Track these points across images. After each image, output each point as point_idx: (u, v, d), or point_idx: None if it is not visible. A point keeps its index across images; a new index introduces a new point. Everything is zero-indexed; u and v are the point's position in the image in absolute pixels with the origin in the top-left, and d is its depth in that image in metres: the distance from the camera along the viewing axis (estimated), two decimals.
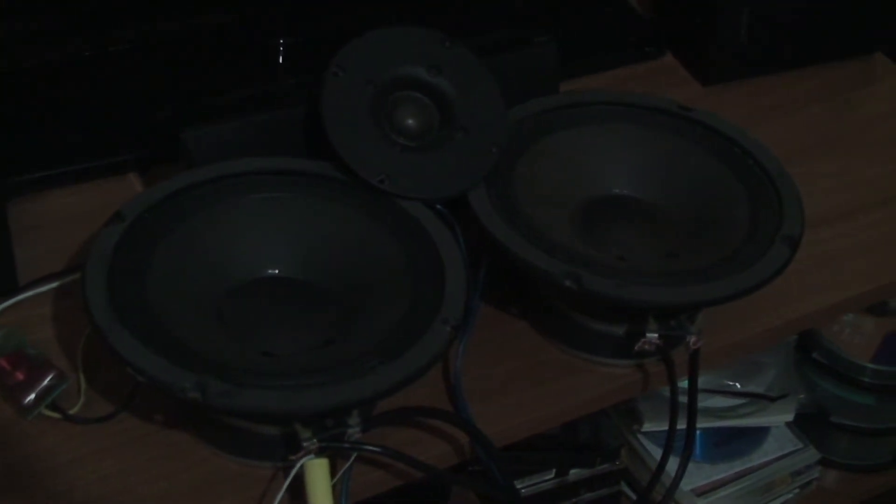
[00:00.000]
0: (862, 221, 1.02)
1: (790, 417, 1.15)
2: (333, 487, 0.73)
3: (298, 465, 0.71)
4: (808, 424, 1.17)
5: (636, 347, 0.82)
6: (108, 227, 0.78)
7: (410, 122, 0.86)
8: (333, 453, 0.73)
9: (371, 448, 0.74)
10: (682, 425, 0.83)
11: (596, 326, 0.85)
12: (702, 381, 1.13)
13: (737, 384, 1.13)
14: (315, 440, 0.71)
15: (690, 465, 1.11)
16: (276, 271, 0.81)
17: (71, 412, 0.78)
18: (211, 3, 1.03)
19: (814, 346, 1.16)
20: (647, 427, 1.11)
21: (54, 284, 0.85)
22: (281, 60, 1.02)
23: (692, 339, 0.82)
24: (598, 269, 0.80)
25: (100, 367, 0.80)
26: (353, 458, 0.74)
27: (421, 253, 0.80)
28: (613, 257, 0.85)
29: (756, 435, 1.16)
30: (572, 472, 1.08)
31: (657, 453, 0.96)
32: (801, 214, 0.86)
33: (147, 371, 0.69)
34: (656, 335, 0.82)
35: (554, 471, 1.07)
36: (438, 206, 0.84)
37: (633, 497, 1.13)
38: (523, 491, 1.06)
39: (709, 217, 0.88)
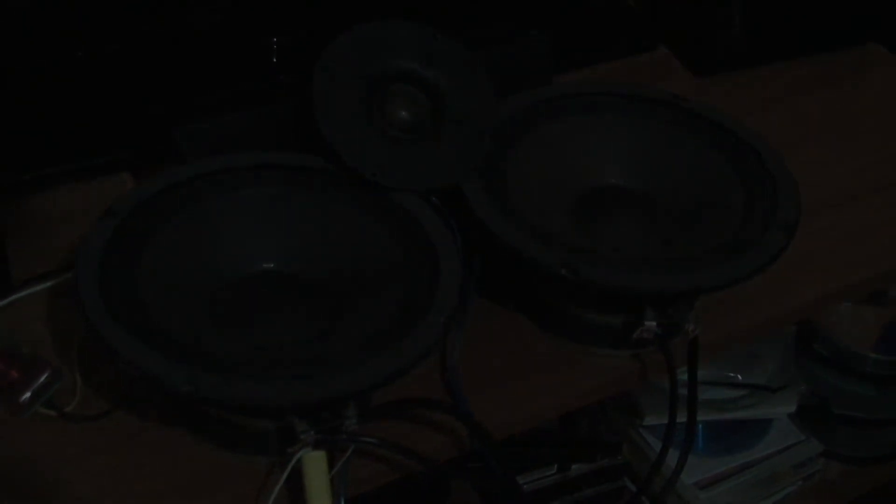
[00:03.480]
0: (859, 209, 1.02)
1: (792, 409, 1.14)
2: (331, 480, 0.72)
3: (296, 459, 0.71)
4: (809, 416, 1.17)
5: (634, 336, 0.82)
6: (100, 223, 0.77)
7: (402, 114, 0.85)
8: (331, 446, 0.73)
9: (368, 440, 0.74)
10: (683, 418, 0.82)
11: (593, 317, 0.85)
12: (702, 374, 1.12)
13: (738, 376, 1.12)
14: (312, 433, 0.71)
15: (692, 459, 1.10)
16: (270, 266, 0.81)
17: (66, 410, 0.77)
18: (205, 2, 1.03)
19: (814, 337, 1.15)
20: (647, 421, 1.11)
21: (48, 283, 0.85)
22: (275, 59, 1.02)
23: (690, 326, 0.82)
24: (594, 259, 0.80)
25: (95, 365, 0.80)
26: (350, 450, 0.74)
27: (415, 245, 0.80)
28: (609, 247, 0.84)
29: (758, 427, 1.15)
30: (574, 467, 1.08)
31: (659, 447, 0.95)
32: (797, 200, 0.85)
33: (140, 365, 0.69)
34: (654, 323, 0.81)
35: (555, 466, 1.07)
36: (433, 199, 0.83)
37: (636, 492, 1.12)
38: (525, 486, 1.05)
39: (704, 205, 0.87)
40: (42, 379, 0.77)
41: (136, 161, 0.94)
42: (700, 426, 1.12)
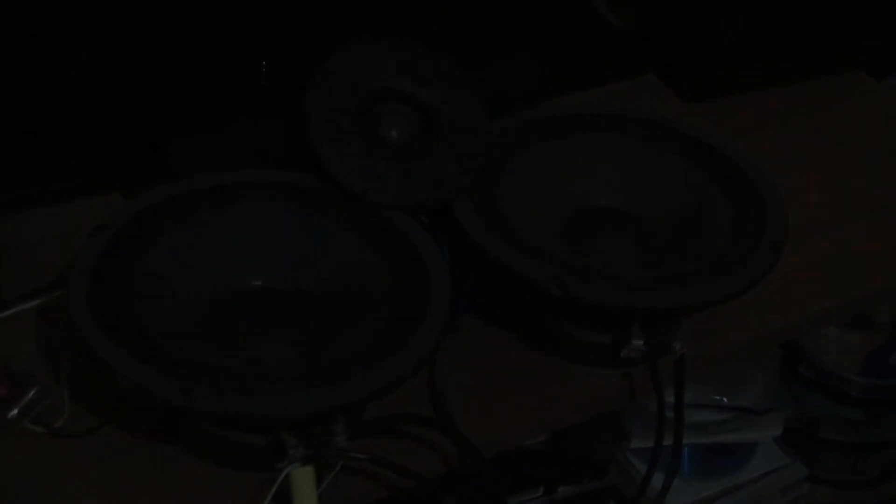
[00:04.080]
0: (845, 232, 1.02)
1: (778, 432, 1.15)
2: (319, 496, 0.72)
3: (284, 474, 0.71)
4: (795, 440, 1.17)
5: (622, 354, 0.82)
6: (91, 238, 0.78)
7: (394, 133, 0.86)
8: (320, 462, 0.73)
9: (357, 456, 0.74)
10: (669, 441, 0.83)
11: (581, 335, 0.85)
12: (688, 396, 1.12)
13: (723, 398, 1.13)
14: (301, 448, 0.71)
15: (679, 482, 1.11)
16: (260, 282, 0.81)
17: (55, 426, 0.77)
18: (197, 24, 1.03)
19: (800, 361, 1.16)
20: (635, 444, 1.11)
21: (38, 301, 0.85)
22: (266, 79, 1.02)
23: (678, 346, 0.83)
24: (583, 276, 0.80)
25: (84, 381, 0.79)
26: (338, 466, 0.74)
27: (405, 262, 0.80)
28: (598, 265, 0.85)
29: (744, 451, 1.15)
30: (560, 489, 1.08)
31: (646, 471, 0.95)
32: (785, 219, 0.86)
33: (132, 379, 0.69)
34: (642, 342, 0.82)
35: (542, 488, 1.07)
36: (423, 217, 0.84)
37: None
38: None
39: (693, 225, 0.88)
40: (30, 395, 0.77)
41: (128, 181, 0.94)
42: (686, 449, 1.13)
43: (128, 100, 0.98)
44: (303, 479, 0.70)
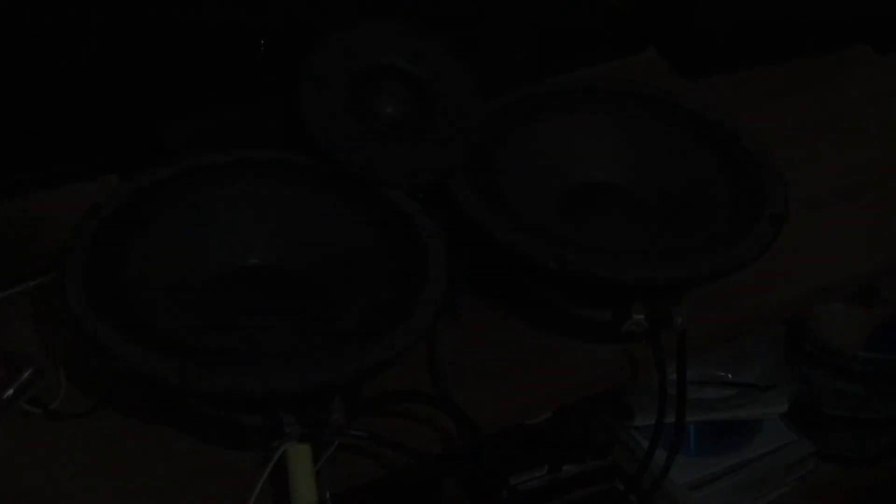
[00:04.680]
0: (846, 207, 1.02)
1: (783, 409, 1.14)
2: (317, 474, 0.72)
3: (280, 452, 0.70)
4: (801, 417, 1.16)
5: (623, 329, 0.81)
6: (86, 218, 0.77)
7: (389, 110, 0.85)
8: (317, 440, 0.72)
9: (355, 433, 0.73)
10: (673, 419, 0.82)
11: (582, 311, 0.84)
12: (691, 373, 1.12)
13: (727, 374, 1.12)
14: (297, 426, 0.71)
15: (684, 459, 1.11)
16: (256, 261, 0.80)
17: (51, 407, 0.77)
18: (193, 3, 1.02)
19: (804, 337, 1.15)
20: (639, 422, 1.10)
21: (34, 282, 0.84)
22: (261, 57, 1.01)
23: (679, 320, 0.82)
24: (582, 251, 0.79)
25: (80, 362, 0.79)
26: (335, 444, 0.73)
27: (402, 240, 0.79)
28: (597, 241, 0.84)
29: (749, 428, 1.15)
30: (564, 468, 1.07)
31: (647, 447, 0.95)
32: (785, 193, 0.85)
33: (126, 358, 0.68)
34: (642, 316, 0.81)
35: (546, 467, 1.06)
36: (419, 194, 0.83)
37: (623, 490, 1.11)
38: (515, 487, 1.05)
39: (692, 199, 0.87)
40: (25, 375, 0.76)
41: (124, 164, 0.93)
42: (691, 427, 1.12)
43: (124, 81, 0.97)
44: (299, 457, 0.70)
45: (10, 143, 0.93)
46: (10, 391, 0.76)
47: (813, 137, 1.09)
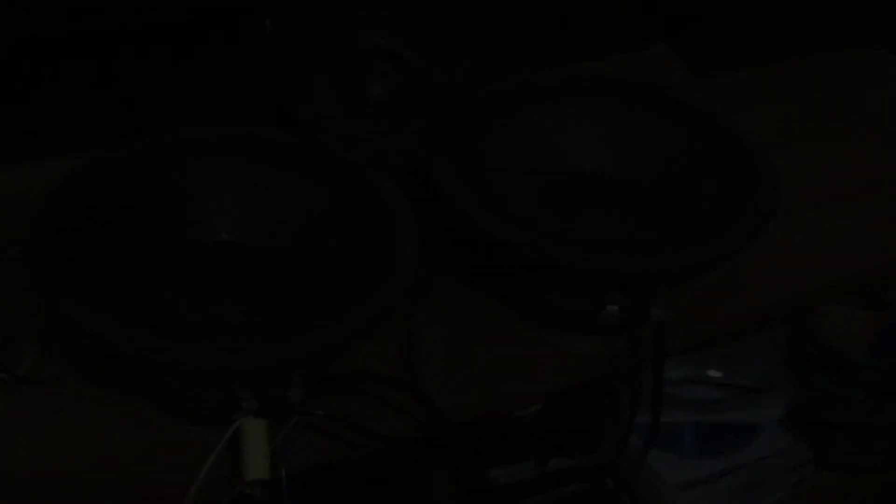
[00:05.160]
0: (851, 207, 1.00)
1: (780, 413, 1.12)
2: (273, 452, 0.71)
3: (235, 426, 0.70)
4: (800, 422, 1.14)
5: (598, 320, 0.80)
6: (58, 187, 0.77)
7: (375, 90, 0.84)
8: (274, 416, 0.72)
9: (314, 412, 0.72)
10: (671, 417, 0.80)
11: (560, 300, 0.83)
12: (684, 372, 1.11)
13: (721, 374, 1.10)
14: (255, 402, 0.70)
15: (675, 459, 1.08)
16: (228, 236, 0.80)
17: (18, 373, 0.77)
18: None
19: (807, 340, 1.12)
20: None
21: (8, 252, 0.84)
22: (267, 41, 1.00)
23: (656, 312, 0.80)
24: (560, 241, 0.78)
25: (51, 330, 0.79)
26: (292, 421, 0.72)
27: (375, 220, 0.78)
28: (580, 231, 0.83)
29: (746, 431, 1.12)
30: (551, 462, 1.05)
31: (640, 446, 0.93)
32: (775, 188, 0.83)
33: (85, 325, 0.68)
34: (616, 307, 0.79)
35: (532, 461, 1.05)
36: (407, 178, 0.82)
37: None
38: (501, 480, 1.03)
39: (679, 193, 0.85)
40: None
41: (108, 137, 0.92)
42: (686, 427, 1.10)
43: (109, 58, 0.97)
44: (252, 431, 0.69)
45: None
46: None
47: (823, 135, 1.07)
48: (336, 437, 0.76)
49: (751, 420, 1.11)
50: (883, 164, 1.05)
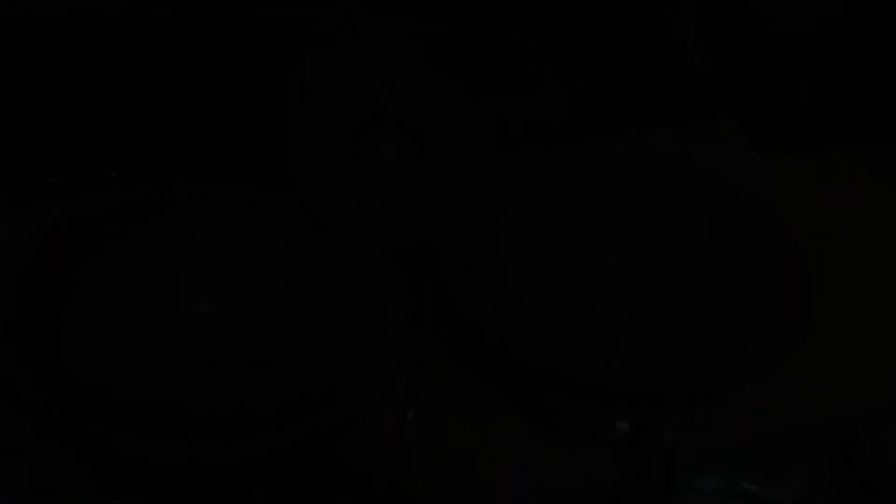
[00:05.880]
0: None
1: None
2: None
3: None
4: None
5: (600, 439, 0.72)
6: (29, 244, 0.72)
7: (383, 160, 0.78)
8: None
9: None
10: None
11: (564, 407, 0.75)
12: (713, 482, 1.01)
13: (754, 488, 1.00)
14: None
15: None
16: (207, 309, 0.74)
17: None
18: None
19: (856, 455, 1.03)
20: None
21: None
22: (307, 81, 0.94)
23: (669, 436, 0.72)
24: (563, 342, 0.70)
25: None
26: None
27: (364, 303, 0.72)
28: (586, 330, 0.75)
29: None
30: None
31: None
32: (811, 301, 0.74)
33: (27, 403, 0.63)
34: (626, 425, 0.71)
35: None
36: (400, 254, 0.75)
37: None
38: None
39: (707, 294, 0.76)
40: None
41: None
42: None
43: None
44: None
45: None
46: None
47: (874, 235, 0.98)
48: None
49: None
50: None
